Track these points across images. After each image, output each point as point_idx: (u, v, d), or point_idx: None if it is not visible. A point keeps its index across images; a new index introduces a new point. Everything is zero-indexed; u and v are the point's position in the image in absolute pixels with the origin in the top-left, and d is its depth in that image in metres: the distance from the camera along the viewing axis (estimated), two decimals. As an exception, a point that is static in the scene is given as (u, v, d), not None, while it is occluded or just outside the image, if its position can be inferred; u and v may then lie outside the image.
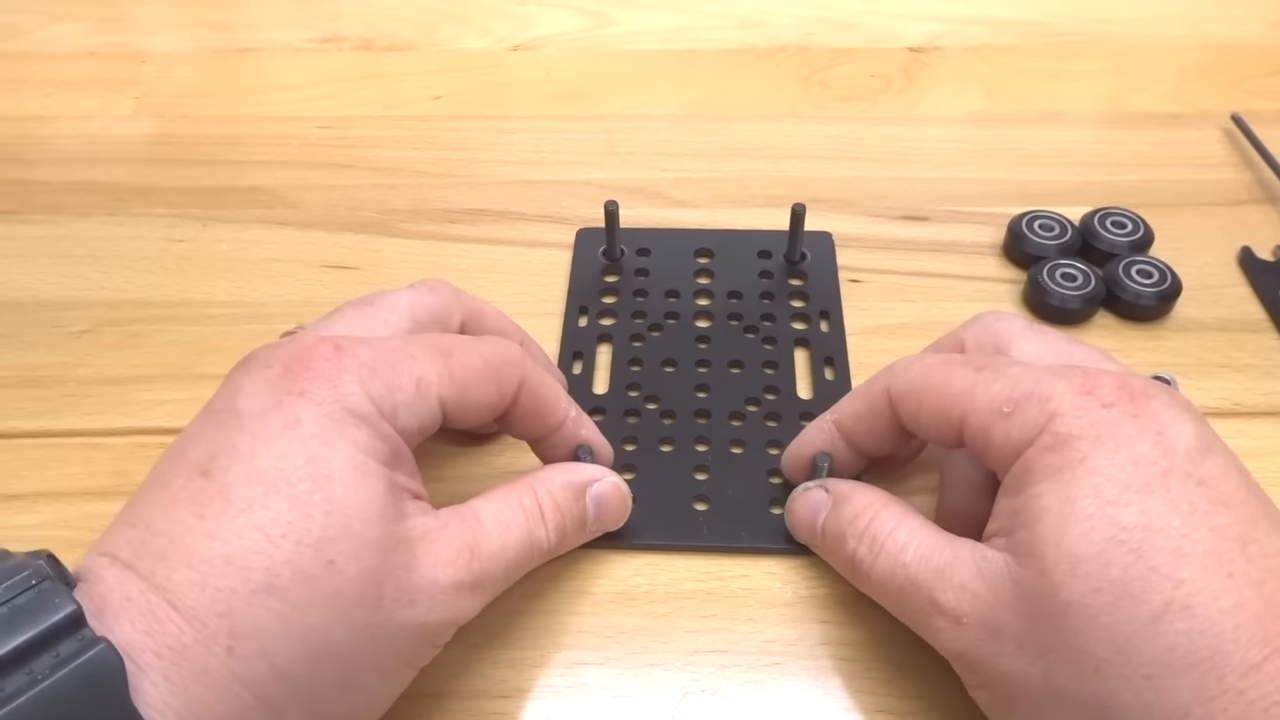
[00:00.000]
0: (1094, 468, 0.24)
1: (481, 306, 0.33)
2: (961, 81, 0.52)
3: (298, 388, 0.25)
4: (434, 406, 0.27)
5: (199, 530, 0.23)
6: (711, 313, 0.40)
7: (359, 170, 0.47)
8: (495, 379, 0.29)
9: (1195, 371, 0.38)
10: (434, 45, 0.55)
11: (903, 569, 0.27)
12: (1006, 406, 0.26)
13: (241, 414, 0.25)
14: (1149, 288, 0.40)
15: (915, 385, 0.29)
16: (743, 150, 0.48)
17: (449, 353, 0.28)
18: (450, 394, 0.28)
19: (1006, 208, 0.44)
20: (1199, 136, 0.48)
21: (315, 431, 0.24)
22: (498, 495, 0.29)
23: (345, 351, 0.26)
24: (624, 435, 0.36)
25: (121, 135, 0.50)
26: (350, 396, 0.25)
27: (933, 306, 0.41)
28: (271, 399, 0.25)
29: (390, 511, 0.25)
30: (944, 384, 0.28)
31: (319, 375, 0.25)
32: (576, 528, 0.30)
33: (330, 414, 0.25)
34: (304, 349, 0.26)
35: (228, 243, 0.44)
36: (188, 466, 0.24)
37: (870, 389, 0.31)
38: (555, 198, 0.46)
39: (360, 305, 0.30)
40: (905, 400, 0.29)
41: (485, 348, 0.29)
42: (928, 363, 0.29)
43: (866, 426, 0.31)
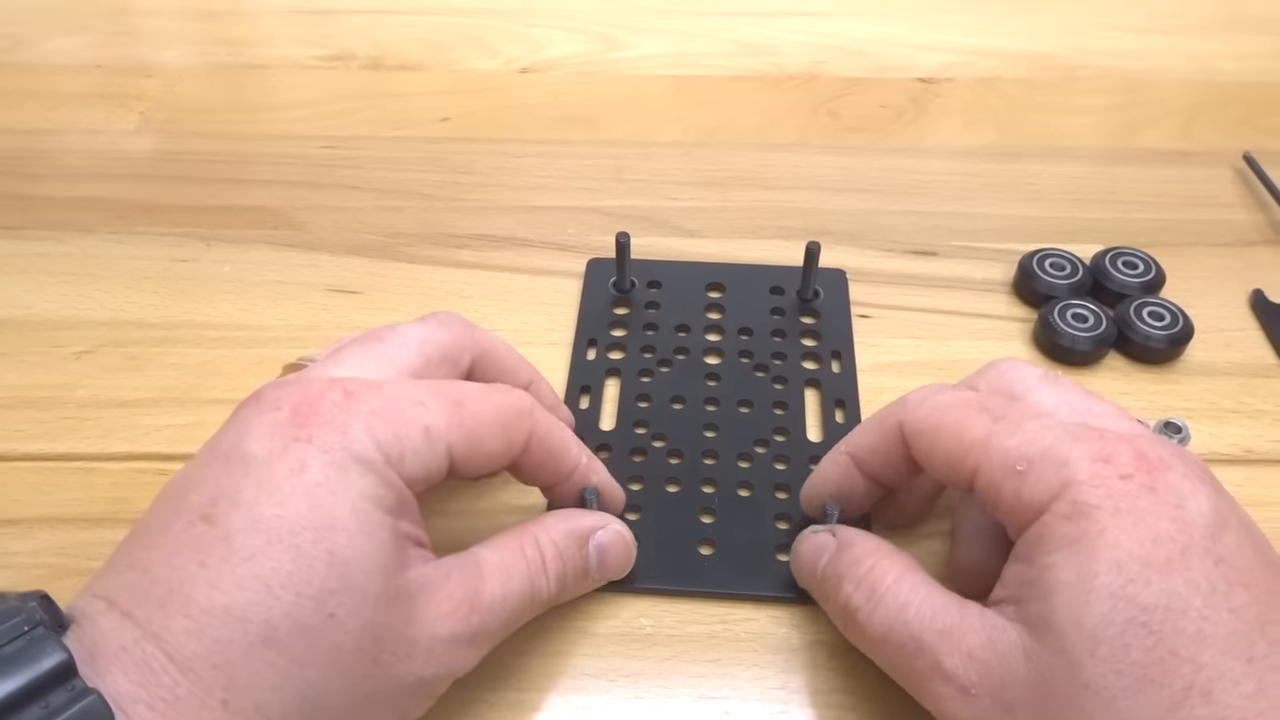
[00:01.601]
0: (1113, 542, 0.23)
1: (493, 343, 0.33)
2: (972, 114, 0.52)
3: (305, 433, 0.25)
4: (441, 456, 0.27)
5: (199, 578, 0.23)
6: (722, 349, 0.40)
7: (364, 192, 0.47)
8: (505, 429, 0.28)
9: (1206, 417, 0.38)
10: (443, 65, 0.55)
11: (903, 625, 0.26)
12: (1020, 464, 0.26)
13: (248, 458, 0.24)
14: (1160, 330, 0.39)
15: (929, 425, 0.28)
16: (751, 179, 0.48)
17: (459, 401, 0.28)
18: (459, 443, 0.27)
19: (1016, 244, 0.44)
20: (1210, 175, 0.48)
21: (320, 479, 0.24)
22: (500, 544, 0.28)
23: (354, 397, 0.26)
24: (630, 474, 0.35)
25: (126, 151, 0.49)
26: (357, 444, 0.25)
27: (942, 345, 0.40)
28: (278, 444, 0.25)
29: (393, 563, 0.25)
30: (958, 429, 0.27)
31: (327, 421, 0.25)
32: (578, 576, 0.30)
33: (336, 461, 0.25)
34: (313, 393, 0.26)
35: (231, 263, 0.43)
36: (190, 509, 0.24)
37: (883, 421, 0.30)
38: (562, 225, 0.45)
39: (369, 341, 0.30)
40: (917, 438, 0.29)
41: (496, 398, 0.29)
42: (942, 401, 0.28)
43: (880, 459, 0.30)
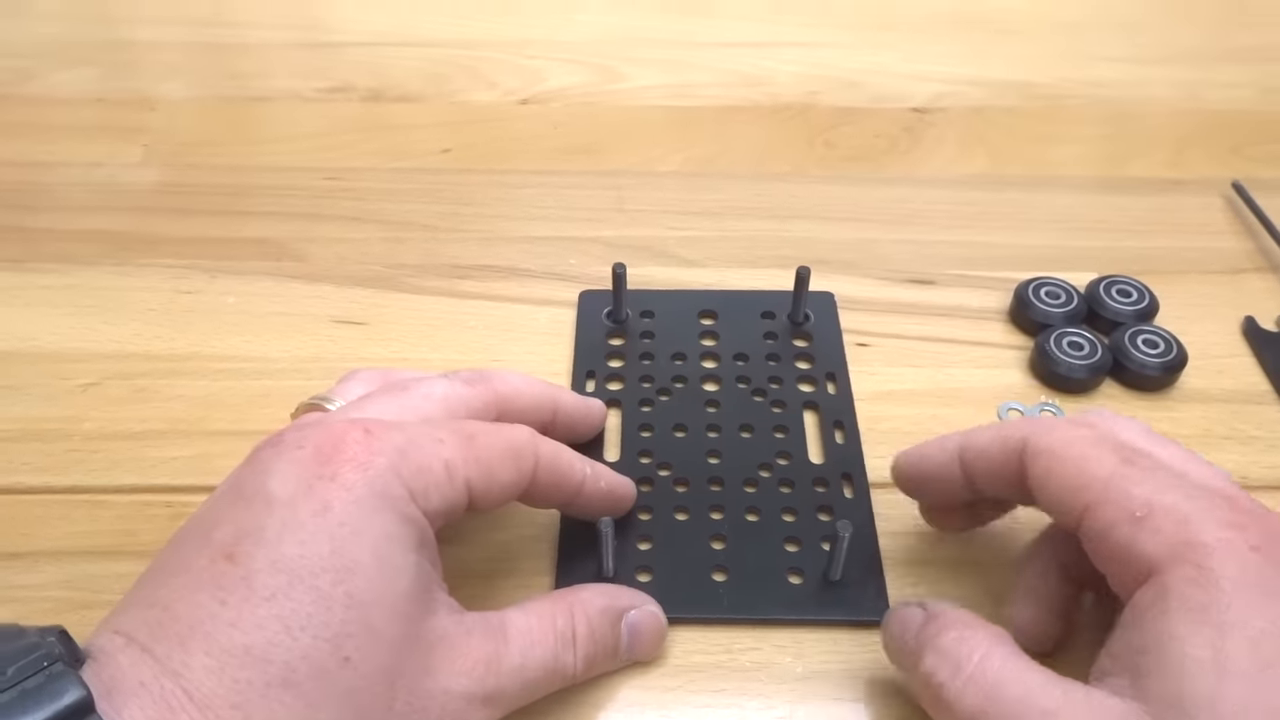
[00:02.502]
0: (1244, 620, 0.23)
1: (515, 390, 0.33)
2: (965, 143, 0.53)
3: (329, 472, 0.25)
4: (462, 490, 0.27)
5: (221, 617, 0.23)
6: (719, 376, 0.40)
7: (367, 223, 0.47)
8: (515, 460, 0.29)
9: (1201, 444, 0.38)
10: (443, 97, 0.56)
11: (995, 705, 0.24)
12: (1140, 510, 0.25)
13: (271, 497, 0.25)
14: (1155, 358, 0.40)
15: (1053, 450, 0.28)
16: (749, 209, 0.49)
17: (472, 436, 0.28)
18: (476, 477, 0.28)
19: (1012, 272, 0.45)
20: (1201, 203, 0.49)
21: (344, 519, 0.24)
22: (533, 609, 0.29)
23: (376, 436, 0.26)
24: (639, 505, 0.35)
25: (129, 183, 0.50)
26: (380, 481, 0.25)
27: (940, 372, 0.41)
28: (302, 483, 0.25)
29: (413, 610, 0.25)
30: (1082, 461, 0.27)
31: (350, 459, 0.25)
32: (607, 655, 0.30)
33: (360, 499, 0.25)
34: (335, 433, 0.26)
35: (235, 295, 0.44)
36: (212, 548, 0.24)
37: (1007, 432, 0.29)
38: (563, 255, 0.46)
39: (393, 390, 0.30)
40: (1037, 460, 0.28)
41: (505, 431, 0.30)
42: (1077, 434, 0.28)
43: (988, 465, 0.30)
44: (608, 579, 0.33)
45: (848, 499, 0.36)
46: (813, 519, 0.35)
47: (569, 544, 0.34)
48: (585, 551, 0.34)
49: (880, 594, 0.33)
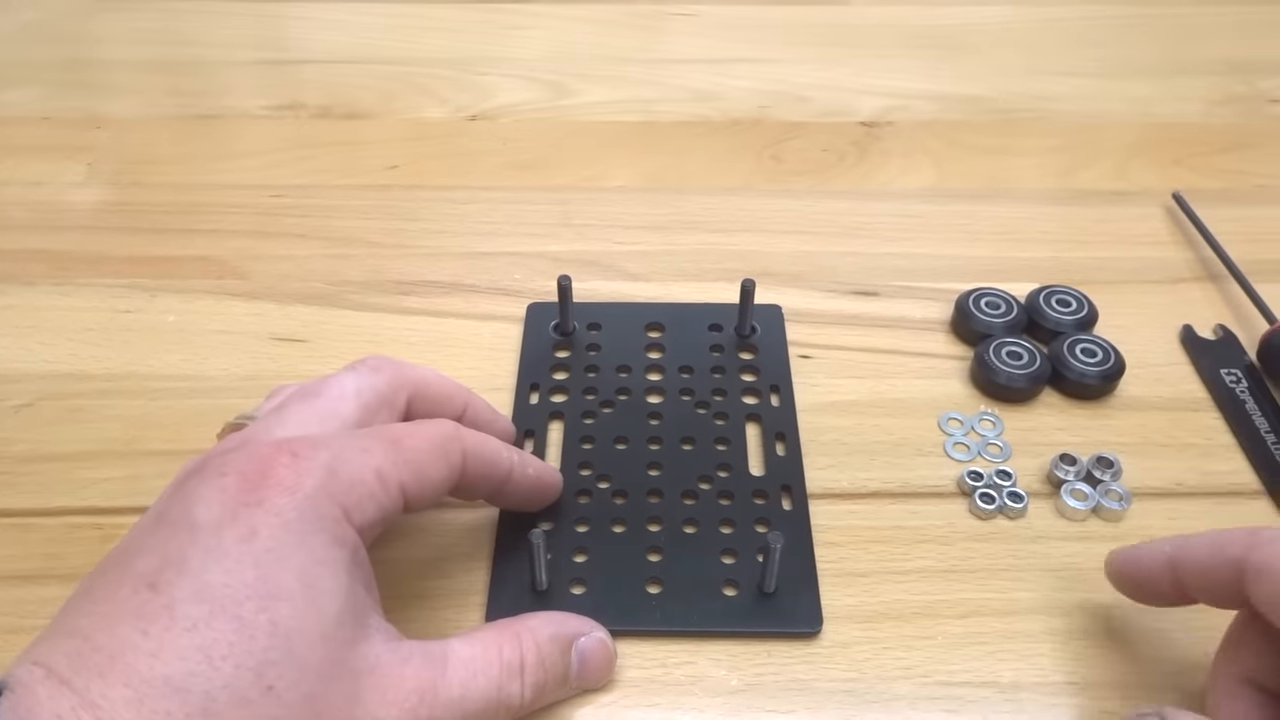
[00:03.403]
0: None
1: (424, 377, 0.33)
2: (913, 156, 0.53)
3: (255, 498, 0.25)
4: (396, 496, 0.27)
5: (141, 648, 0.23)
6: (663, 388, 0.40)
7: (311, 240, 0.47)
8: (444, 455, 0.29)
9: (1138, 452, 0.38)
10: (392, 114, 0.55)
11: None
12: None
13: (196, 525, 0.24)
14: (1093, 367, 0.40)
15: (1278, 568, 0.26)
16: (696, 223, 0.49)
17: (398, 439, 0.28)
18: (409, 479, 0.28)
19: (955, 283, 0.45)
20: (1142, 214, 0.49)
21: (270, 545, 0.24)
22: (478, 638, 0.28)
23: (303, 457, 0.26)
24: (576, 516, 0.35)
25: (72, 202, 0.49)
26: (309, 503, 0.25)
27: (882, 383, 0.41)
28: (228, 510, 0.25)
29: (342, 635, 0.25)
30: None
31: (277, 483, 0.25)
32: (557, 683, 0.30)
33: (287, 523, 0.25)
34: (261, 457, 0.26)
35: (175, 313, 0.43)
36: (134, 577, 0.24)
37: (1224, 545, 0.28)
38: (508, 270, 0.46)
39: (307, 397, 0.30)
40: (1262, 580, 0.26)
41: (428, 428, 0.30)
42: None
43: (1204, 580, 0.28)
44: (541, 592, 0.33)
45: (786, 511, 0.36)
46: (750, 531, 0.35)
47: (502, 558, 0.34)
48: (518, 565, 0.34)
49: (814, 605, 0.33)
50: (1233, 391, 0.40)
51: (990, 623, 0.33)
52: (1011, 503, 0.36)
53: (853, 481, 0.37)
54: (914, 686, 0.31)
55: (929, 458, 0.38)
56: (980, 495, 0.36)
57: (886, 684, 0.31)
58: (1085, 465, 0.37)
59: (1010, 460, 0.38)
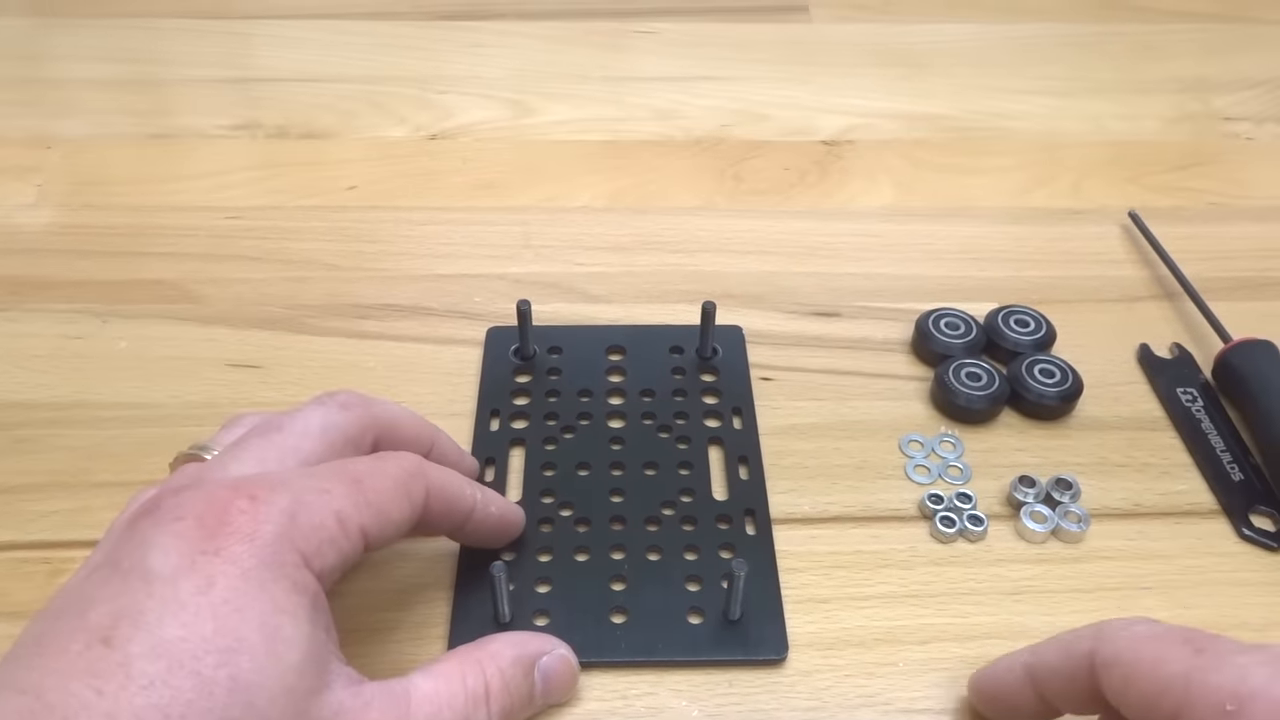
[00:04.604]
0: None
1: (394, 418, 0.32)
2: (873, 175, 0.53)
3: (213, 546, 0.24)
4: (357, 539, 0.27)
5: (95, 708, 0.22)
6: (624, 412, 0.40)
7: (268, 263, 0.47)
8: (406, 494, 0.29)
9: (1096, 472, 0.39)
10: (351, 133, 0.55)
11: None
12: (1230, 704, 0.23)
13: (150, 574, 0.24)
14: (1051, 388, 0.40)
15: (1123, 658, 0.26)
16: (658, 243, 0.49)
17: (359, 479, 0.28)
18: (370, 521, 0.27)
19: (915, 303, 0.45)
20: (1099, 232, 0.50)
21: (228, 595, 0.24)
22: (439, 671, 0.28)
23: (262, 501, 0.25)
24: (539, 545, 0.35)
25: (20, 225, 0.48)
26: (269, 550, 0.25)
27: (843, 405, 0.41)
28: (184, 559, 0.24)
29: (303, 685, 0.24)
30: (1155, 664, 0.25)
31: (235, 530, 0.25)
32: (522, 704, 0.29)
33: (246, 572, 0.24)
34: (218, 501, 0.25)
35: (127, 339, 0.42)
36: (87, 631, 0.23)
37: (1072, 647, 0.27)
38: (468, 293, 0.45)
39: (268, 432, 0.29)
40: (1110, 671, 0.26)
41: (390, 466, 0.29)
42: (1140, 632, 0.26)
43: (1061, 684, 0.28)
44: (504, 625, 0.33)
45: (750, 536, 0.36)
46: (714, 557, 0.35)
47: (464, 592, 0.34)
48: (480, 598, 0.33)
49: (779, 632, 0.33)
50: (1189, 410, 0.41)
51: (951, 648, 0.33)
52: (972, 525, 0.36)
53: (814, 506, 0.37)
54: (876, 714, 0.31)
55: (890, 480, 0.38)
56: (941, 519, 0.36)
57: (849, 712, 0.31)
58: (1044, 487, 0.37)
59: (970, 482, 0.38)
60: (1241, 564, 0.36)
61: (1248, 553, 0.36)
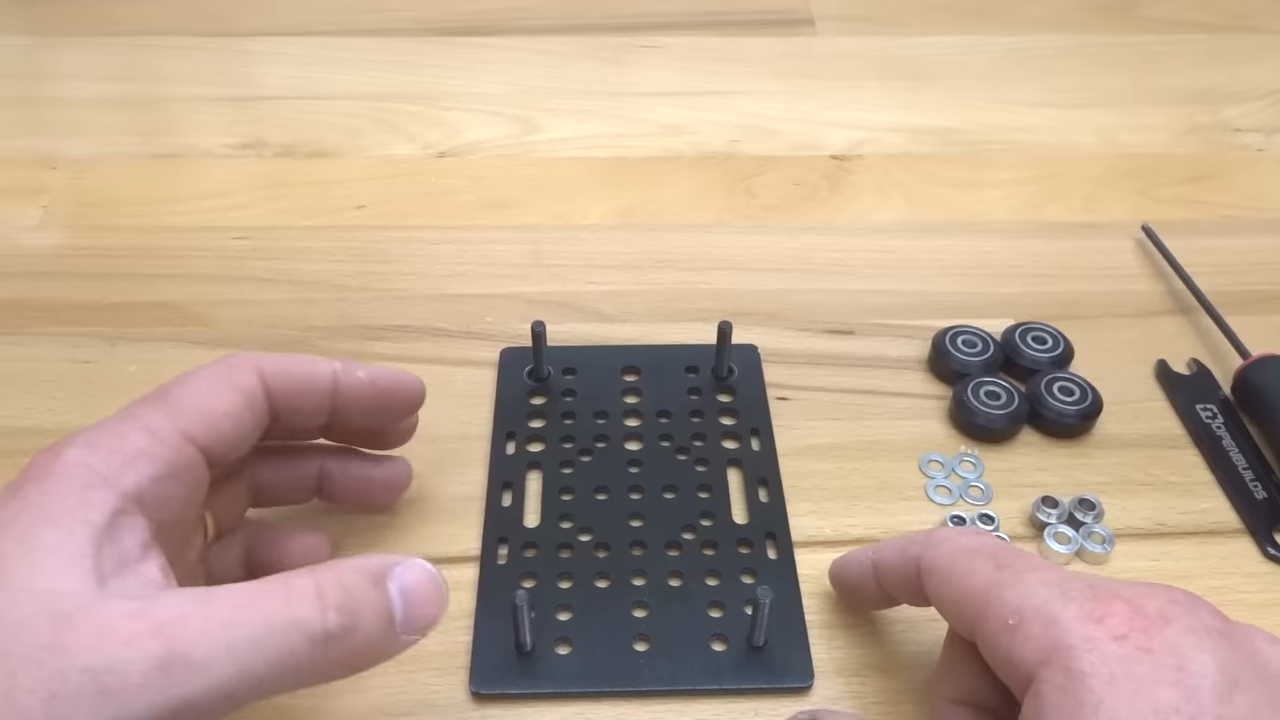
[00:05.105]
0: (1111, 717, 0.22)
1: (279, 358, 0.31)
2: (884, 190, 0.53)
3: (12, 490, 0.25)
4: (178, 445, 0.27)
5: None
6: (641, 434, 0.40)
7: (277, 284, 0.46)
8: (228, 385, 0.29)
9: (1118, 491, 0.38)
10: (358, 152, 0.54)
11: None
12: (1012, 618, 0.25)
13: None
14: (1070, 406, 0.40)
15: (941, 567, 0.28)
16: (670, 261, 0.48)
17: (166, 390, 0.29)
18: (190, 424, 0.28)
19: (931, 320, 0.45)
20: (1112, 246, 0.50)
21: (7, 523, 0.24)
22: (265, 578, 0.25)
23: (61, 443, 0.26)
24: (559, 571, 0.35)
25: (26, 247, 0.48)
26: (55, 480, 0.25)
27: (860, 425, 0.41)
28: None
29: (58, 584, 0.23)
30: (965, 577, 0.27)
31: (31, 474, 0.26)
32: (377, 617, 0.25)
33: (29, 501, 0.25)
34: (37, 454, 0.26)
35: (137, 363, 0.42)
36: None
37: (906, 549, 0.30)
38: (480, 313, 0.45)
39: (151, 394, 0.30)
40: (929, 578, 0.28)
41: (205, 367, 0.29)
42: (960, 545, 0.28)
43: (897, 581, 0.30)
44: (526, 654, 0.32)
45: (772, 560, 0.35)
46: (736, 582, 0.35)
47: (485, 618, 0.33)
48: (502, 626, 0.33)
49: (805, 659, 0.33)
50: (1209, 427, 0.40)
51: (979, 673, 0.33)
52: (996, 547, 0.36)
53: (835, 528, 0.37)
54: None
55: (911, 502, 0.38)
56: (964, 540, 0.36)
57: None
58: (1067, 507, 0.37)
59: (992, 503, 0.38)
60: (1267, 584, 0.36)
61: (1273, 572, 0.36)
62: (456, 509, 0.37)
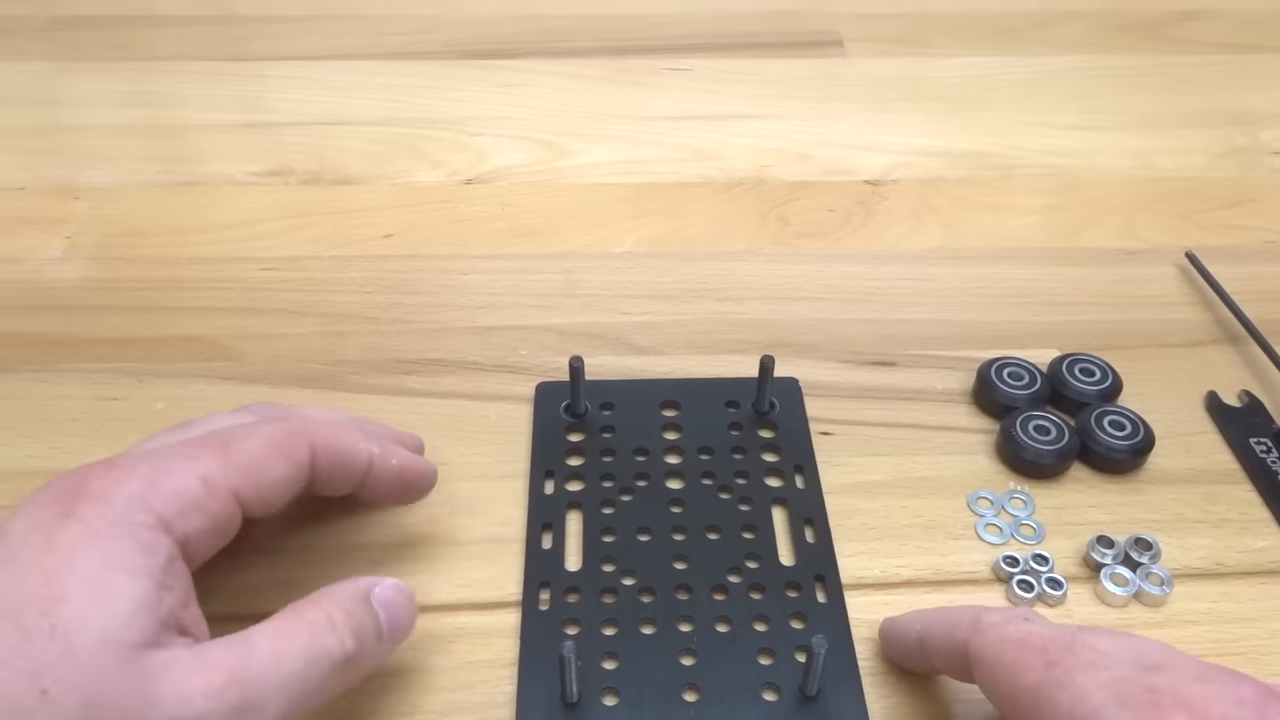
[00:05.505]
0: None
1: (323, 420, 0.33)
2: (919, 215, 0.52)
3: (64, 510, 0.25)
4: (227, 501, 0.27)
5: None
6: (683, 472, 0.39)
7: (306, 316, 0.45)
8: (282, 454, 0.29)
9: (1174, 529, 0.37)
10: (384, 179, 0.54)
11: None
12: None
13: (4, 537, 0.25)
14: (1121, 441, 0.39)
15: (989, 659, 0.27)
16: (705, 290, 0.47)
17: (227, 442, 0.28)
18: (242, 484, 0.28)
19: (973, 351, 0.44)
20: (1155, 274, 0.49)
21: (65, 553, 0.24)
22: (279, 615, 0.27)
23: (120, 469, 0.26)
24: (604, 617, 0.34)
25: (50, 280, 0.47)
26: (118, 510, 0.25)
27: (906, 460, 0.40)
28: (36, 523, 0.25)
29: (131, 638, 0.24)
30: (1015, 672, 0.26)
31: (86, 494, 0.25)
32: (374, 635, 0.28)
33: (90, 530, 0.24)
34: (80, 473, 0.26)
35: (165, 400, 0.41)
36: None
37: (953, 634, 0.29)
38: (514, 345, 0.44)
39: (175, 429, 0.30)
40: (978, 668, 0.28)
41: (264, 427, 0.29)
42: (1008, 635, 0.27)
43: (943, 662, 0.30)
44: (572, 705, 0.31)
45: (821, 603, 0.34)
46: (786, 628, 0.34)
47: (529, 670, 0.32)
48: (547, 675, 0.32)
49: (860, 709, 0.32)
50: (1264, 462, 0.39)
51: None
52: (1051, 589, 0.35)
53: (885, 569, 0.36)
54: (967, 799, 0.30)
55: (961, 540, 0.37)
56: (1018, 582, 0.35)
57: (938, 796, 0.30)
58: (1123, 547, 0.36)
59: (1044, 542, 0.37)
60: (1332, 627, 0.35)
61: (1337, 615, 0.35)
62: (495, 551, 0.36)
